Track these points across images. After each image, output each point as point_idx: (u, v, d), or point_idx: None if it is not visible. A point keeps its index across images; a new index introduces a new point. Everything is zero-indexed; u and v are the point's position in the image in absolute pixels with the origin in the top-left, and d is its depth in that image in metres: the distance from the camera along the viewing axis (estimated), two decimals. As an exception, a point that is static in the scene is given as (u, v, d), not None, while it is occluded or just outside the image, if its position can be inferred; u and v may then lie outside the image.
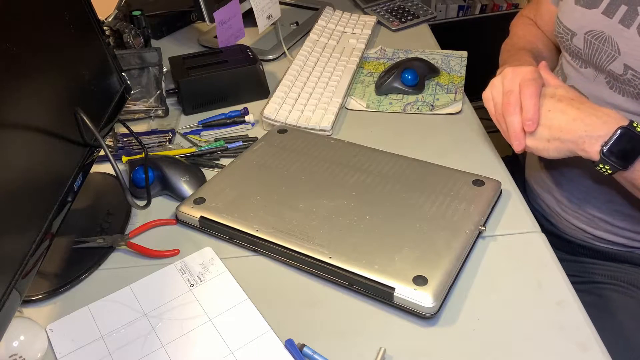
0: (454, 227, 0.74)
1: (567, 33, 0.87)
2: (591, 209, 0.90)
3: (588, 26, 0.83)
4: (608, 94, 0.83)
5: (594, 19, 0.82)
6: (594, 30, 0.82)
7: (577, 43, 0.86)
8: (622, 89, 0.81)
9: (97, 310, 0.70)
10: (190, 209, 0.80)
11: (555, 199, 0.94)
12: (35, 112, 0.65)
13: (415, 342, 0.65)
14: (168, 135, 0.98)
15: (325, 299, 0.70)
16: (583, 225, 0.92)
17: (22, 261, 0.60)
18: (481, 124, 0.99)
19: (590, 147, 0.71)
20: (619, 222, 0.89)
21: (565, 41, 0.88)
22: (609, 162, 0.70)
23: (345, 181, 0.83)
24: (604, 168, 0.71)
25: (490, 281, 0.71)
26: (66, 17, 0.74)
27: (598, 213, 0.89)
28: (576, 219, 0.92)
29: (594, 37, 0.82)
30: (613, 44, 0.80)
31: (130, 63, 1.06)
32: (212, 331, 0.66)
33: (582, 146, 0.72)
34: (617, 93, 0.82)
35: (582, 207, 0.91)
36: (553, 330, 0.64)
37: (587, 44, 0.84)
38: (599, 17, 0.81)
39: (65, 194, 0.70)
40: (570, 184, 0.91)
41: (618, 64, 0.80)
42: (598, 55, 0.83)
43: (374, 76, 1.11)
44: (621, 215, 0.88)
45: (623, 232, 0.89)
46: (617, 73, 0.80)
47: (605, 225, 0.90)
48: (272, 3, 1.22)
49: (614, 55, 0.80)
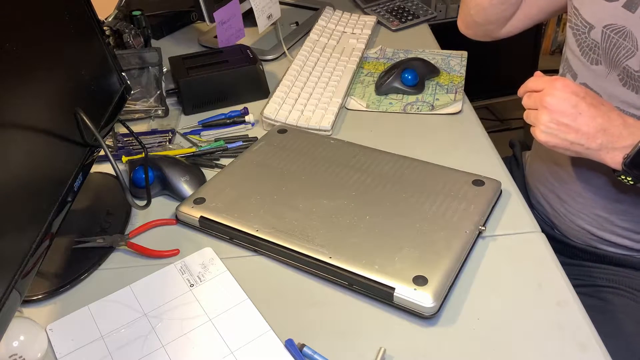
0: (454, 227, 0.74)
1: (584, 26, 0.84)
2: (597, 208, 0.89)
3: (607, 19, 0.80)
4: (621, 91, 0.81)
5: (614, 13, 0.79)
6: (614, 24, 0.79)
7: (594, 37, 0.83)
8: (636, 87, 0.79)
9: (97, 310, 0.70)
10: (190, 209, 0.80)
11: (559, 198, 0.94)
12: (35, 112, 0.65)
13: (415, 342, 0.65)
14: (168, 135, 0.98)
15: (325, 299, 0.70)
16: (587, 226, 0.91)
17: (22, 261, 0.60)
18: (481, 124, 0.99)
19: (612, 158, 0.71)
20: (623, 223, 0.88)
21: (581, 34, 0.85)
22: (631, 174, 0.71)
23: (345, 181, 0.82)
24: (626, 179, 0.72)
25: (490, 281, 0.71)
26: (66, 17, 0.74)
27: (604, 213, 0.88)
28: (580, 219, 0.92)
29: (613, 31, 0.80)
30: (633, 39, 0.77)
31: (130, 63, 1.06)
32: (212, 331, 0.66)
33: (604, 156, 0.72)
34: (630, 90, 0.80)
35: (588, 207, 0.90)
36: (553, 330, 0.64)
37: (605, 38, 0.81)
38: (620, 10, 0.79)
39: (65, 194, 0.70)
40: (578, 182, 0.90)
41: (636, 60, 0.78)
42: (616, 50, 0.80)
43: (374, 76, 1.11)
44: (628, 215, 0.87)
45: (627, 232, 0.89)
46: (634, 69, 0.78)
47: (609, 225, 0.89)
48: (272, 3, 1.22)
49: (633, 51, 0.78)
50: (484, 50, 0.98)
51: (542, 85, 0.74)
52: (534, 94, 0.75)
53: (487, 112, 2.24)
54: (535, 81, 0.76)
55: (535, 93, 0.75)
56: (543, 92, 0.73)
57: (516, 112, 2.24)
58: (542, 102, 0.73)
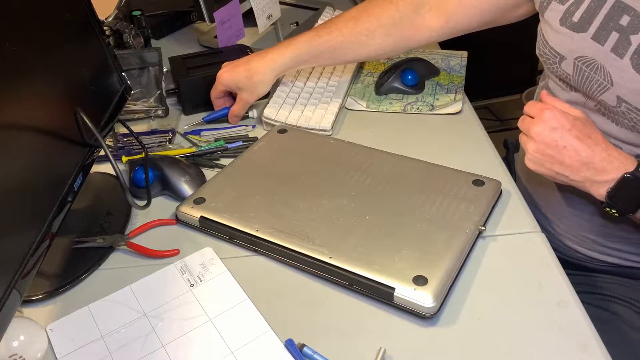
0: (454, 227, 0.74)
1: (554, 56, 0.80)
2: (584, 231, 0.87)
3: (578, 51, 0.77)
4: (601, 121, 0.78)
5: (583, 45, 0.76)
6: (585, 56, 0.76)
7: (565, 68, 0.79)
8: (616, 119, 0.77)
9: (97, 310, 0.70)
10: (190, 209, 0.80)
11: (546, 218, 0.92)
12: (35, 112, 0.65)
13: (415, 342, 0.65)
14: (168, 135, 0.98)
15: (325, 299, 0.70)
16: (575, 246, 0.89)
17: (22, 261, 0.60)
18: (481, 124, 0.99)
19: (597, 191, 0.71)
20: (612, 244, 0.86)
21: (552, 64, 0.82)
22: (615, 207, 0.71)
23: (345, 181, 0.82)
24: (612, 211, 0.72)
25: (490, 281, 0.71)
26: (66, 17, 0.74)
27: (592, 235, 0.86)
28: (569, 240, 0.89)
29: (585, 64, 0.76)
30: (605, 73, 0.74)
31: (130, 63, 1.06)
32: (212, 331, 0.66)
33: (589, 188, 0.72)
34: (610, 121, 0.78)
35: (574, 229, 0.88)
36: (553, 330, 0.64)
37: (576, 70, 0.78)
38: (589, 42, 0.75)
39: (65, 194, 0.69)
40: (562, 207, 0.88)
41: (610, 95, 0.75)
42: (588, 83, 0.77)
43: (374, 76, 1.11)
44: (615, 237, 0.85)
45: (616, 252, 0.87)
46: (610, 104, 0.75)
47: (598, 247, 0.87)
48: (272, 3, 1.22)
49: (606, 86, 0.75)
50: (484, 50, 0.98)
51: (534, 113, 0.74)
52: (527, 118, 0.75)
53: (487, 112, 2.24)
54: (529, 107, 0.75)
55: (529, 118, 0.75)
56: (532, 121, 0.73)
57: (516, 112, 2.22)
58: (530, 131, 0.73)
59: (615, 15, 0.73)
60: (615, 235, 0.85)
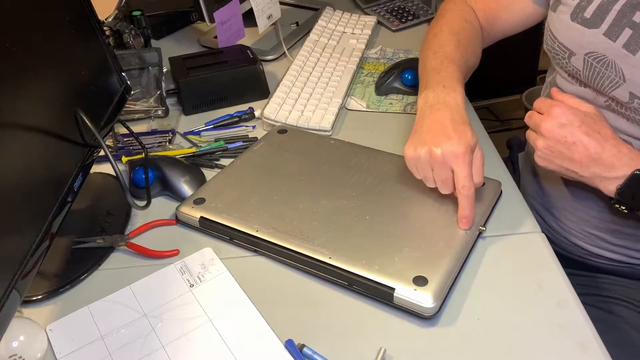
0: (454, 227, 0.74)
1: (563, 51, 0.80)
2: (589, 227, 0.87)
3: (588, 47, 0.76)
4: (611, 116, 0.78)
5: (594, 41, 0.76)
6: (595, 52, 0.76)
7: (575, 64, 0.79)
8: (627, 115, 0.77)
9: (97, 311, 0.70)
10: (190, 209, 0.80)
11: (551, 214, 0.92)
12: (35, 112, 0.65)
13: (415, 342, 0.64)
14: (168, 135, 0.98)
15: (325, 299, 0.70)
16: (580, 242, 0.89)
17: (22, 261, 0.60)
18: (481, 124, 0.98)
19: (606, 187, 0.71)
20: (618, 241, 0.86)
21: (560, 59, 0.81)
22: (624, 203, 0.71)
23: (345, 181, 0.82)
24: (621, 207, 0.72)
25: (490, 281, 0.71)
26: (66, 17, 0.74)
27: (597, 232, 0.87)
28: (574, 237, 0.90)
29: (596, 60, 0.76)
30: (617, 70, 0.74)
31: (130, 63, 1.06)
32: (212, 331, 0.66)
33: (598, 184, 0.72)
34: (620, 117, 0.78)
35: (580, 225, 0.88)
36: (553, 330, 0.64)
37: (587, 66, 0.77)
38: (600, 38, 0.75)
39: (65, 194, 0.70)
40: (570, 202, 0.88)
41: (622, 92, 0.75)
42: (600, 79, 0.77)
43: (374, 76, 1.11)
44: (621, 234, 0.85)
45: (622, 249, 0.87)
46: (622, 101, 0.75)
47: (603, 243, 0.87)
48: (272, 3, 1.22)
49: (618, 82, 0.75)
50: (484, 51, 0.98)
51: (543, 109, 0.73)
52: (535, 114, 0.75)
53: (487, 113, 2.24)
54: (538, 103, 0.75)
55: (537, 114, 0.74)
56: (542, 117, 0.73)
57: (516, 113, 2.24)
58: (539, 128, 0.73)
59: (629, 11, 0.73)
60: (622, 232, 0.85)
